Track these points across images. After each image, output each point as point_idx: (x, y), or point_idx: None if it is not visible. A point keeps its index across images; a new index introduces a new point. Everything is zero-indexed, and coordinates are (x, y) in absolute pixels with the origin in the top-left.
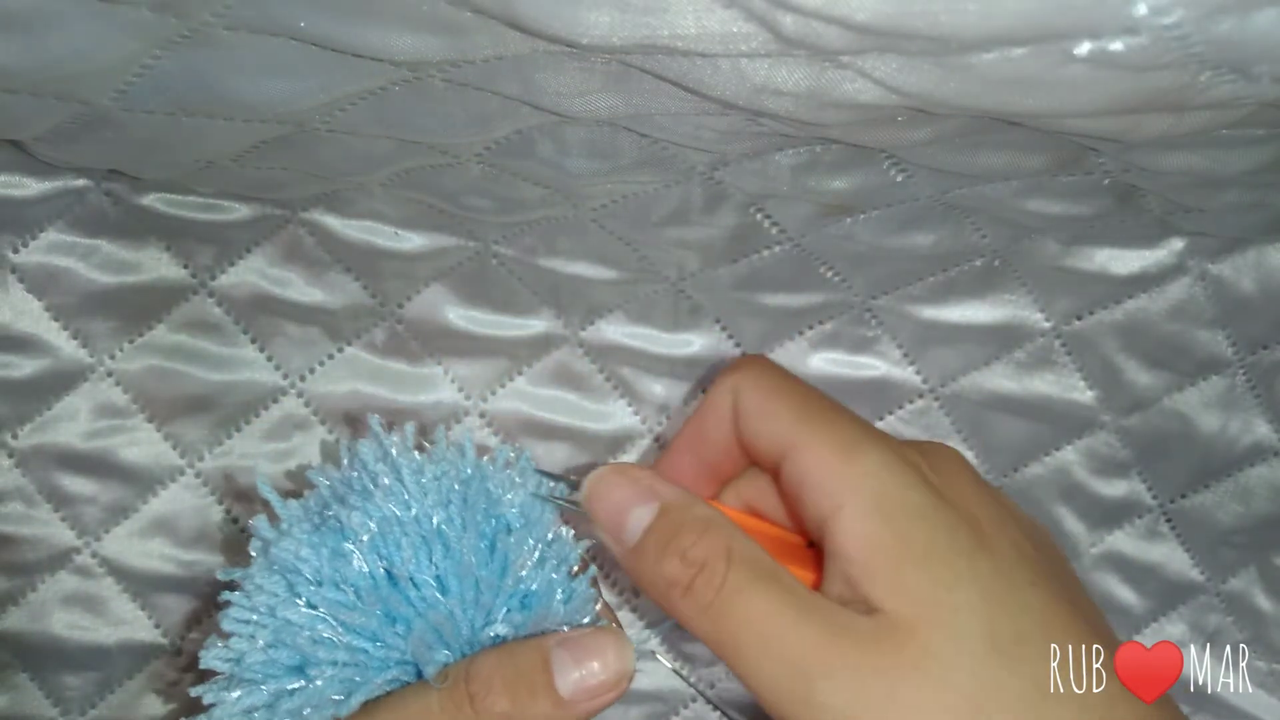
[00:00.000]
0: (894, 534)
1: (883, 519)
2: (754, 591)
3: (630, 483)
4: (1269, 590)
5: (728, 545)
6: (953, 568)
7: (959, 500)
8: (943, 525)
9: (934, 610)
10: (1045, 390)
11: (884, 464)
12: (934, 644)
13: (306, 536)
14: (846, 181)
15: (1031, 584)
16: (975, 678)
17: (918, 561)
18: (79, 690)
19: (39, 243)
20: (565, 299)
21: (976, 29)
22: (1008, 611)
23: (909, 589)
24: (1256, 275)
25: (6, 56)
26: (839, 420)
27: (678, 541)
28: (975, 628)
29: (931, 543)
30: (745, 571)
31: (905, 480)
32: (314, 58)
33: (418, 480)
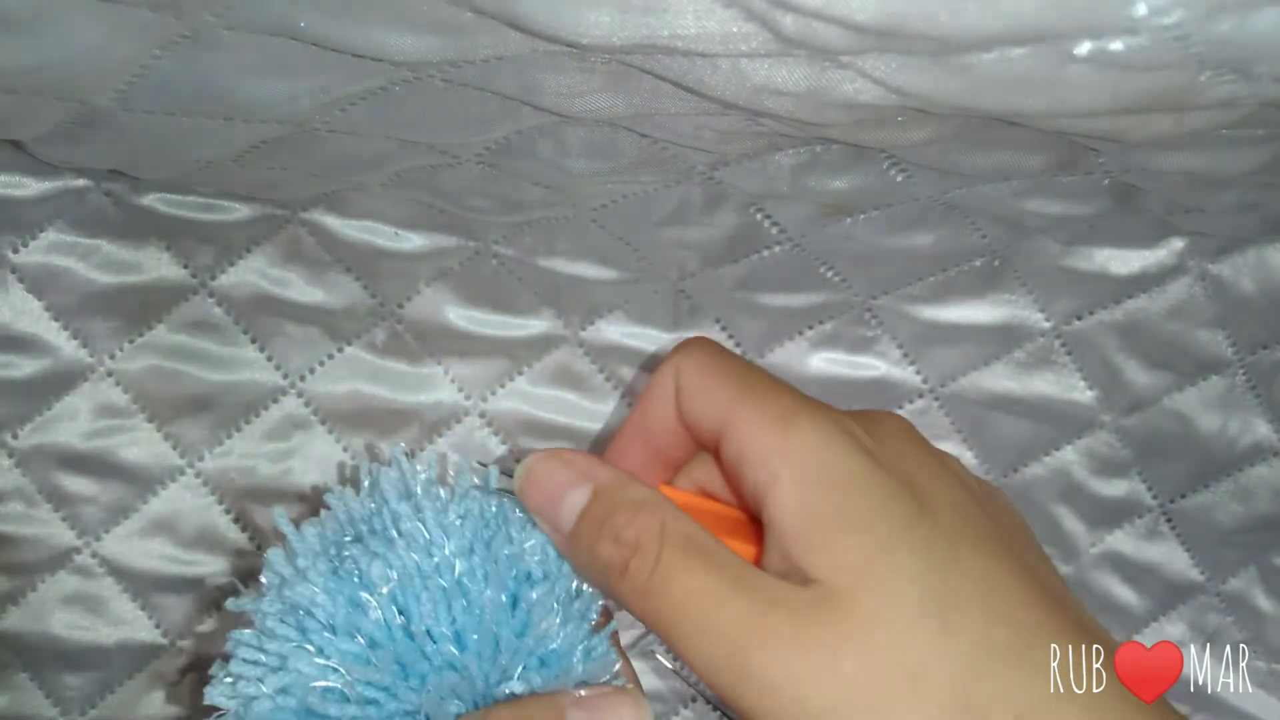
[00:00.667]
0: (829, 503)
1: (817, 488)
2: (687, 569)
3: (563, 466)
4: (1269, 590)
5: (661, 524)
6: (889, 534)
7: (899, 466)
8: (879, 492)
9: (869, 578)
10: (1045, 390)
11: (819, 433)
12: (869, 611)
13: (323, 581)
14: (846, 181)
15: (974, 548)
16: (911, 643)
17: (853, 529)
18: (79, 690)
19: (39, 243)
20: (565, 299)
21: (976, 29)
22: (946, 576)
23: (844, 557)
24: (1256, 275)
25: (6, 56)
26: (774, 393)
27: (611, 523)
28: (912, 593)
29: (867, 510)
30: (678, 549)
31: (841, 448)
32: (314, 58)
33: (441, 523)
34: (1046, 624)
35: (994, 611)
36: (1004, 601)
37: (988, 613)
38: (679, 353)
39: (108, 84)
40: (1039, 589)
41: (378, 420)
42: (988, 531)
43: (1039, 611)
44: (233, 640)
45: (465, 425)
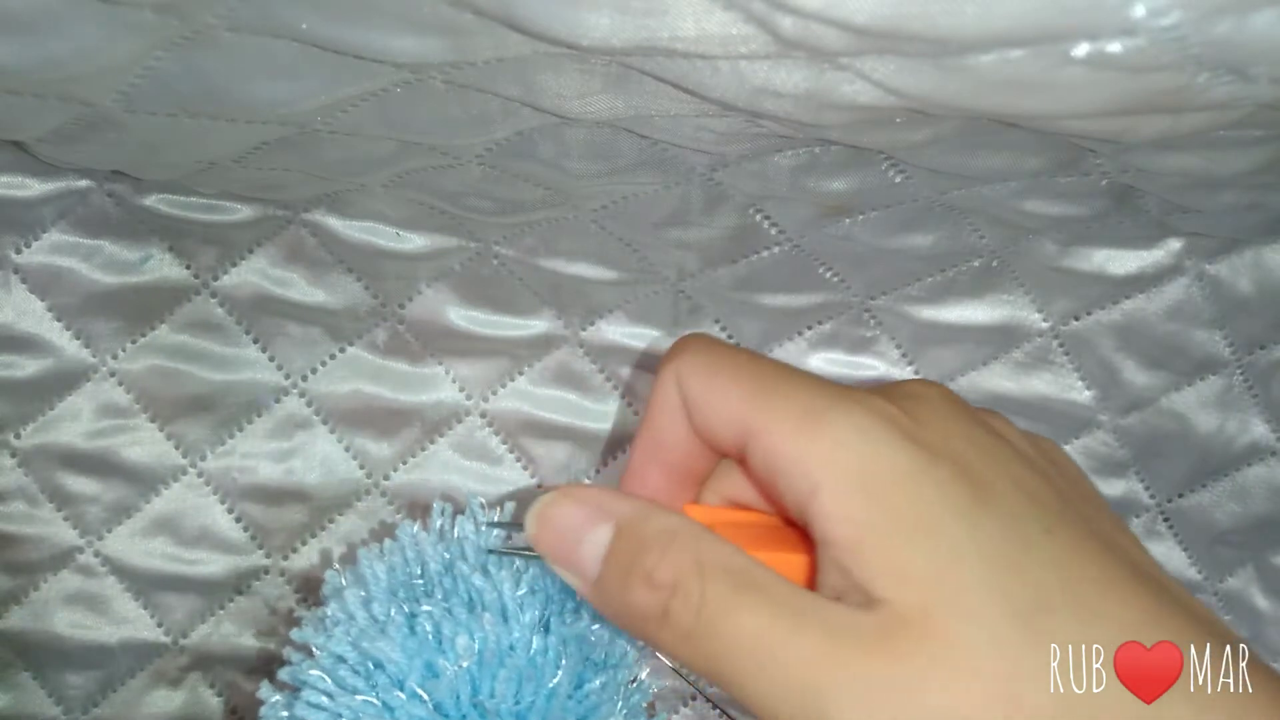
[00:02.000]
0: (880, 509)
1: (864, 493)
2: (738, 607)
3: (577, 505)
4: (1266, 589)
5: (697, 557)
6: (952, 536)
7: (947, 447)
8: (932, 486)
9: (939, 591)
10: (1043, 390)
11: (855, 428)
12: (947, 632)
13: (401, 639)
14: (845, 183)
15: (1047, 531)
16: (1001, 661)
17: (911, 536)
18: (81, 689)
19: (41, 243)
20: (566, 299)
21: (974, 31)
22: (1023, 575)
23: (907, 571)
24: (1254, 275)
25: (8, 57)
26: (796, 389)
27: (641, 563)
28: (990, 603)
29: (923, 511)
30: (723, 585)
31: (882, 441)
32: (316, 59)
33: (515, 599)
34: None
35: (1085, 608)
36: (1092, 592)
37: (1079, 611)
38: (677, 355)
39: (110, 85)
40: (1127, 570)
41: (379, 420)
42: (1057, 509)
43: (1134, 600)
44: (296, 673)
45: (466, 425)
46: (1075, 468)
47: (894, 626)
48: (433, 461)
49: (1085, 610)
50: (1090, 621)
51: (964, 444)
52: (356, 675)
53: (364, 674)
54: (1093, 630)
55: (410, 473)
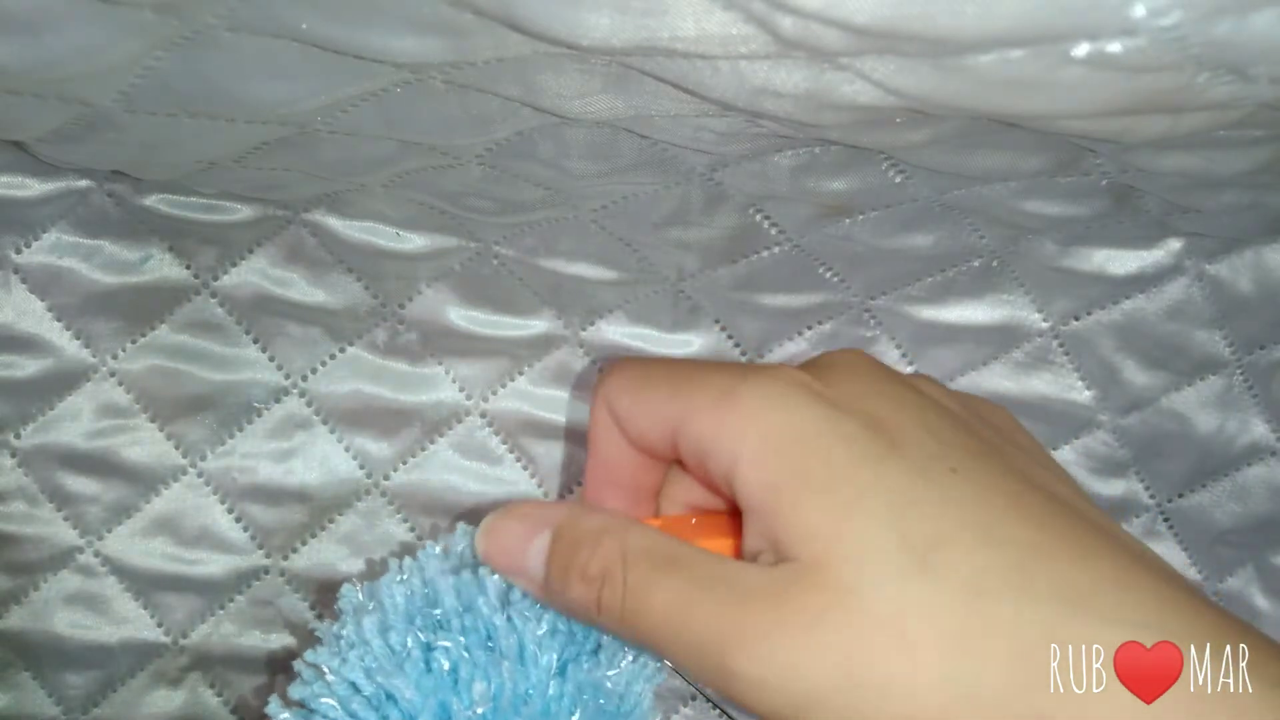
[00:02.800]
0: (789, 469)
1: (776, 456)
2: (654, 584)
3: (518, 520)
4: (1266, 589)
5: (621, 548)
6: (855, 486)
7: (858, 405)
8: (839, 440)
9: (838, 541)
10: (1043, 390)
11: (764, 396)
12: (841, 577)
13: (417, 677)
14: (845, 183)
15: (951, 471)
16: (893, 598)
17: (816, 491)
18: (81, 689)
19: (41, 243)
20: (566, 299)
21: (974, 31)
22: (923, 512)
23: (813, 525)
24: (1254, 275)
25: (8, 57)
26: (711, 376)
27: (576, 561)
28: (886, 545)
29: (829, 465)
30: (642, 567)
31: (790, 405)
32: (316, 59)
33: (535, 639)
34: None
35: (985, 537)
36: (996, 521)
37: (977, 542)
38: (604, 380)
39: (110, 85)
40: (1037, 497)
41: (379, 420)
42: (970, 449)
43: (1037, 524)
44: (308, 696)
45: (466, 425)
46: (1012, 422)
47: (793, 578)
48: (433, 461)
49: (981, 541)
50: (983, 550)
51: (875, 399)
52: (369, 708)
53: (376, 706)
54: (989, 556)
55: (410, 473)
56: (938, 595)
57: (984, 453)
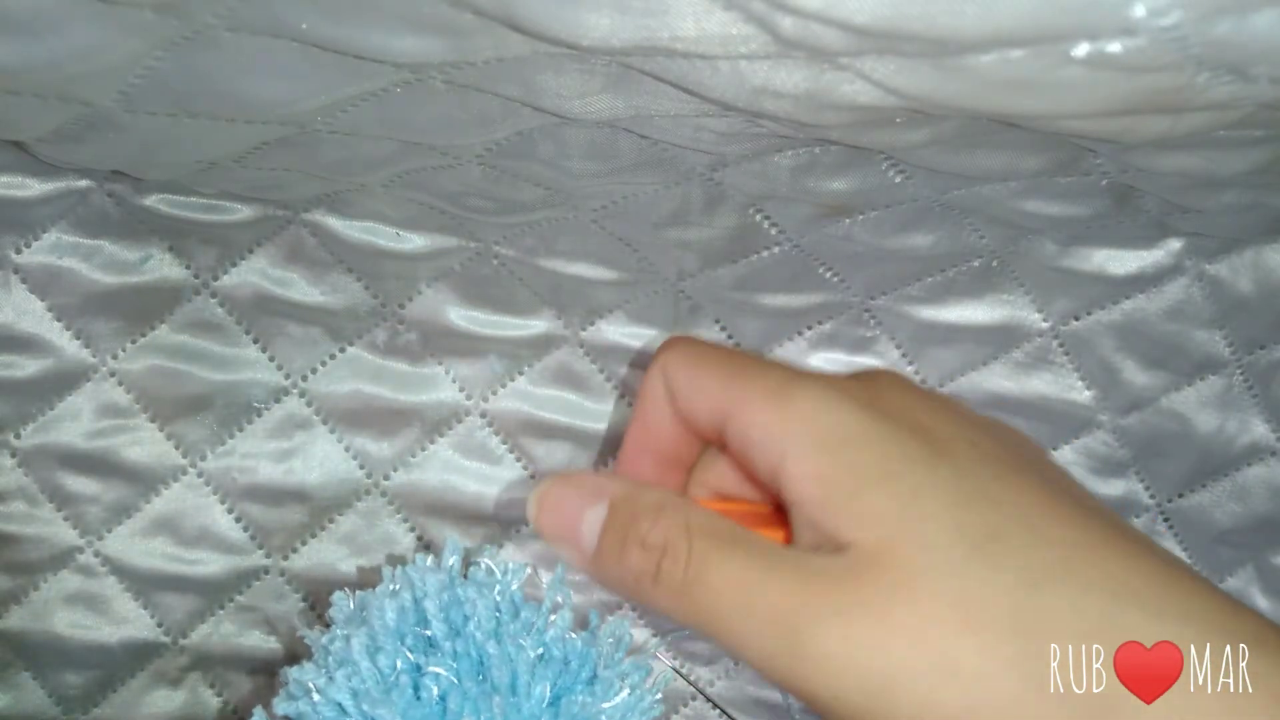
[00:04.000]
0: (843, 464)
1: (828, 453)
2: (722, 558)
3: (573, 488)
4: (1266, 589)
5: (685, 521)
6: (910, 481)
7: (904, 415)
8: (892, 442)
9: (900, 527)
10: (1043, 390)
11: (817, 400)
12: (908, 560)
13: (405, 706)
14: (845, 183)
15: (997, 477)
16: (957, 582)
17: (874, 484)
18: (81, 689)
19: (42, 243)
20: (566, 299)
21: (974, 30)
22: (977, 510)
23: (870, 514)
24: (1254, 275)
25: (8, 57)
26: (766, 372)
27: (635, 530)
28: (947, 533)
29: (883, 462)
30: (708, 541)
31: (843, 410)
32: (316, 59)
33: (528, 668)
34: (1092, 536)
35: (1034, 534)
36: (1043, 522)
37: (1029, 537)
38: (664, 352)
39: (110, 85)
40: (1074, 504)
41: (379, 420)
42: (1008, 460)
43: (1080, 526)
44: (290, 712)
45: (466, 425)
46: (1028, 439)
47: (860, 563)
48: (433, 461)
49: (1034, 538)
50: (1037, 546)
51: (920, 412)
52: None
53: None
54: (1041, 553)
55: (410, 473)
56: (997, 584)
57: (1021, 463)
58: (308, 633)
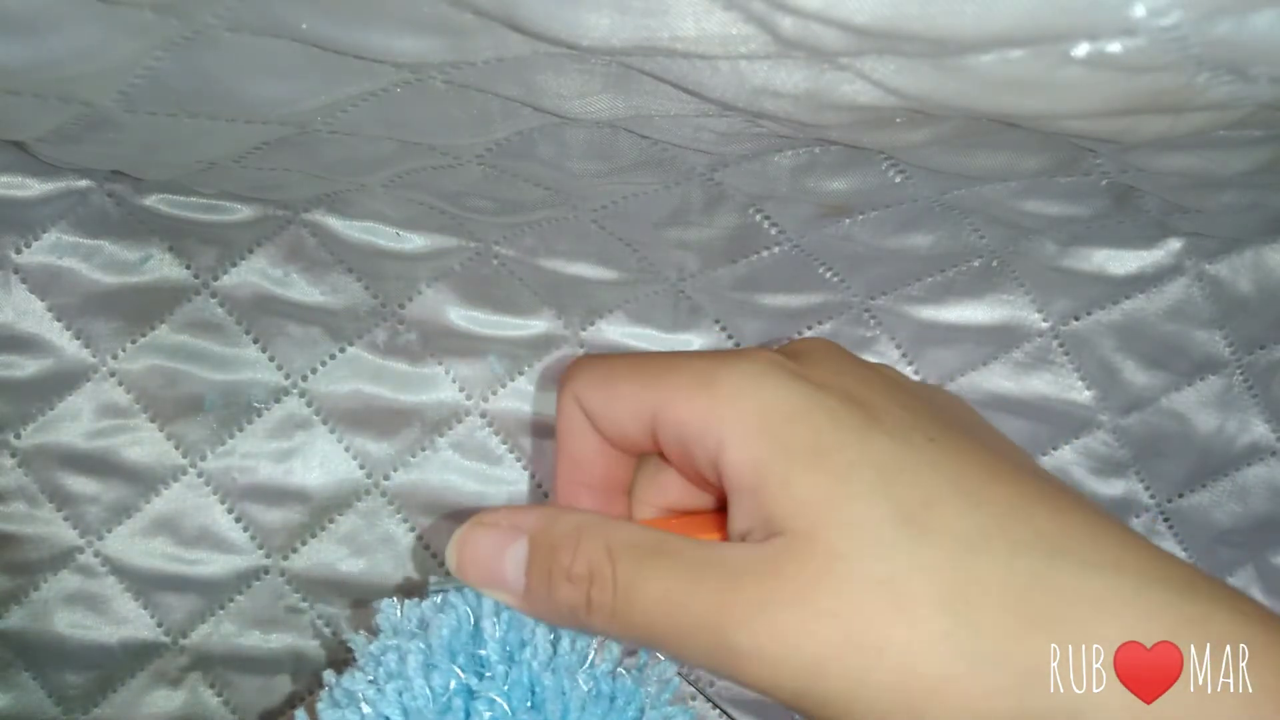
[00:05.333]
0: (777, 445)
1: (762, 434)
2: (645, 575)
3: (488, 530)
4: (1267, 589)
5: (605, 544)
6: (843, 456)
7: (835, 383)
8: (824, 413)
9: (829, 510)
10: (1043, 390)
11: (747, 378)
12: (833, 545)
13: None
14: (845, 183)
15: (930, 440)
16: (886, 560)
17: (806, 464)
18: (81, 689)
19: (41, 243)
20: (566, 299)
21: (974, 31)
22: (911, 476)
23: (802, 497)
24: (1254, 275)
25: (8, 57)
26: (687, 363)
27: (558, 564)
28: (877, 508)
29: (816, 438)
30: (631, 560)
31: (774, 384)
32: (316, 59)
33: (580, 701)
34: (1027, 495)
35: (969, 497)
36: (976, 484)
37: (962, 501)
38: (570, 378)
39: (110, 85)
40: (1012, 466)
41: (379, 420)
42: (942, 422)
43: (1016, 485)
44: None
45: (466, 425)
46: (963, 403)
47: (785, 551)
48: (433, 461)
49: (969, 499)
50: (971, 510)
51: (848, 377)
52: None
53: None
54: (975, 516)
55: (410, 473)
56: (931, 555)
57: (954, 425)
58: (354, 638)
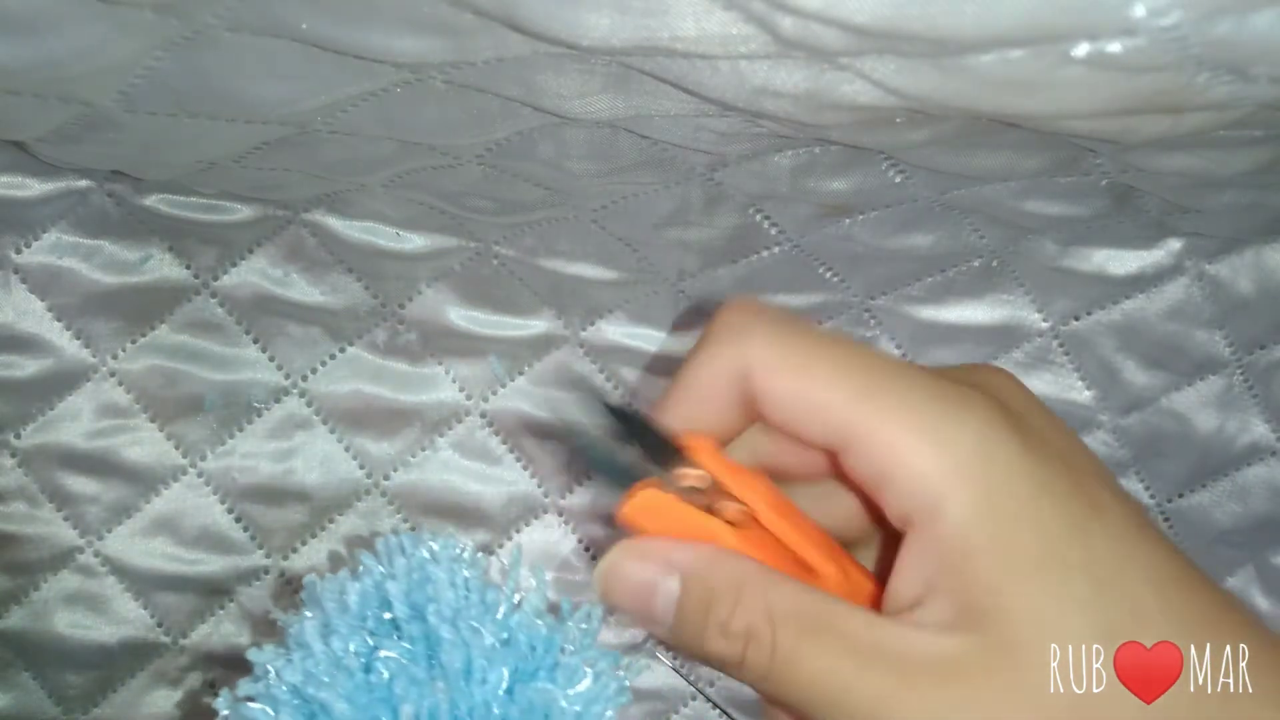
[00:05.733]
0: (1003, 540)
1: (992, 522)
2: (808, 651)
3: (641, 562)
4: (1266, 589)
5: (766, 606)
6: (1066, 559)
7: (1052, 447)
8: (1055, 503)
9: (1040, 620)
10: (1043, 390)
11: (980, 440)
12: (1038, 658)
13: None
14: (845, 182)
15: (1141, 529)
16: (1079, 700)
17: (1028, 568)
18: (81, 689)
19: (42, 243)
20: (566, 299)
21: (974, 30)
22: (1125, 586)
23: (1017, 604)
24: (1254, 275)
25: (8, 57)
26: (907, 388)
27: (715, 616)
28: (1086, 626)
29: (1043, 537)
30: (794, 629)
31: (1003, 452)
32: (315, 59)
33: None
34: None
35: (1169, 614)
36: (1176, 595)
37: (1164, 618)
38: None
39: (110, 85)
40: (1197, 580)
41: (379, 420)
42: (1141, 522)
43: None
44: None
45: (466, 425)
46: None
47: (979, 656)
48: (433, 461)
49: (1169, 616)
50: (1172, 626)
51: (1063, 442)
52: (302, 716)
53: (310, 715)
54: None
55: (410, 473)
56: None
57: (1150, 526)
58: (280, 615)
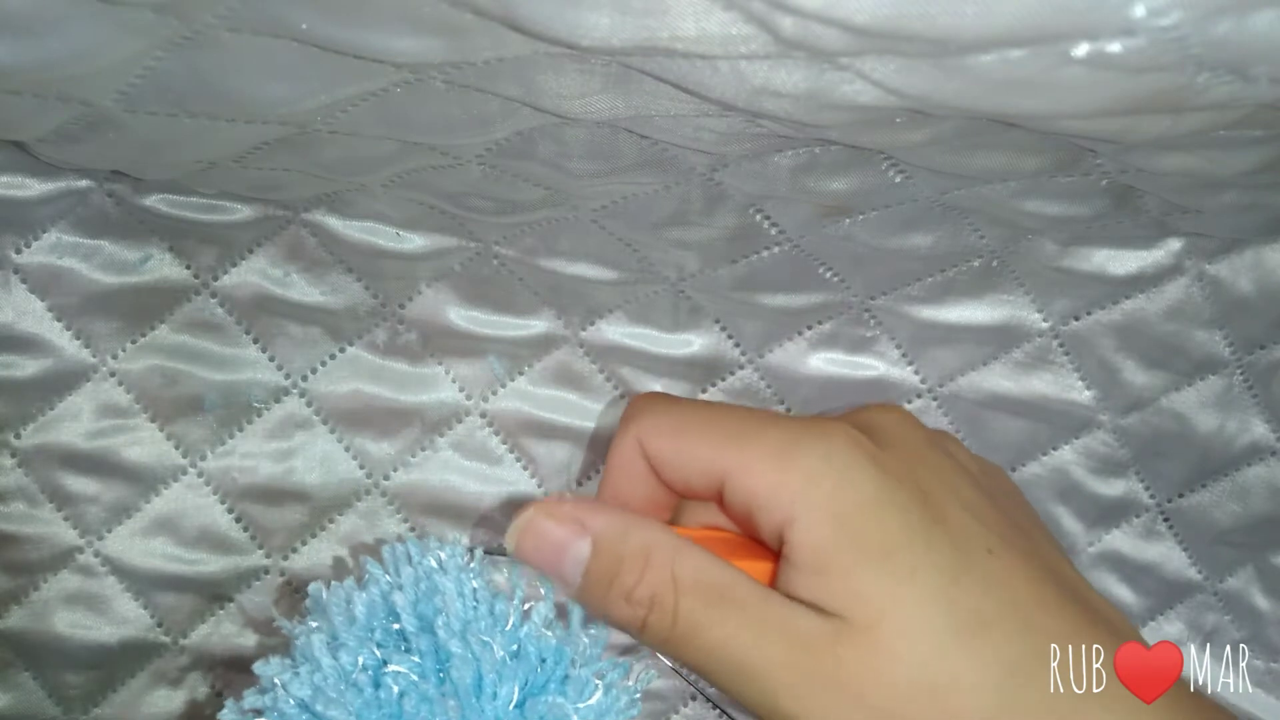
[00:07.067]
0: (846, 535)
1: (834, 521)
2: (708, 619)
3: (556, 521)
4: (1266, 589)
5: (671, 574)
6: (909, 557)
7: (908, 470)
8: (895, 510)
9: (892, 607)
10: (1043, 390)
11: (825, 459)
12: (895, 644)
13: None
14: (845, 183)
15: (989, 551)
16: (934, 668)
17: (875, 558)
18: (81, 689)
19: (41, 243)
20: (566, 299)
21: (974, 31)
22: (968, 589)
23: (867, 593)
24: (1254, 275)
25: (8, 57)
26: (762, 430)
27: (621, 581)
28: (937, 617)
29: (885, 535)
30: (695, 599)
31: (851, 469)
32: (315, 59)
33: (494, 668)
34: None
35: (1017, 622)
36: (1025, 610)
37: (1010, 627)
38: (635, 421)
39: (110, 85)
40: (1057, 589)
41: (379, 420)
42: (1001, 531)
43: (1062, 615)
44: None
45: (466, 425)
46: (1017, 491)
47: (846, 636)
48: (433, 461)
49: (1015, 627)
50: (1017, 637)
51: (923, 469)
52: None
53: None
54: (1024, 642)
55: (410, 473)
56: (981, 676)
57: (1011, 535)
58: (285, 624)
